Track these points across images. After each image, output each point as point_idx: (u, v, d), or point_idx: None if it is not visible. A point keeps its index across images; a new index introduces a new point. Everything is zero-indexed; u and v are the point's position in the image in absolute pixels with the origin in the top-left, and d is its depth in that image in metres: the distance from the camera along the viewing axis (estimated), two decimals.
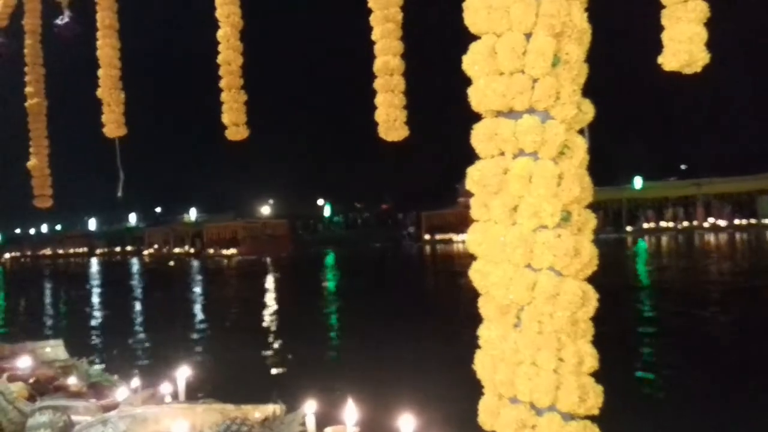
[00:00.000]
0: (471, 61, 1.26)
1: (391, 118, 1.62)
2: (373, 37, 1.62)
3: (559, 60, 1.21)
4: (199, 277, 34.83)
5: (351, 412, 1.79)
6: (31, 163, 3.13)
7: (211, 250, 60.61)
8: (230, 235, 62.94)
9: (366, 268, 33.21)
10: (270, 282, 27.88)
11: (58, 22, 2.68)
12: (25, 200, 3.53)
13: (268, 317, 16.84)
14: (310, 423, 1.95)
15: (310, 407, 1.99)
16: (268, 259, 43.59)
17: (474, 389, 1.33)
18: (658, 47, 1.43)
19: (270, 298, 21.58)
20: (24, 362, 3.01)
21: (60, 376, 2.86)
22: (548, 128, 1.21)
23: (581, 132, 1.24)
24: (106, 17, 2.44)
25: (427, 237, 57.65)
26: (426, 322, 13.21)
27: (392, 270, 31.95)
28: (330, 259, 43.48)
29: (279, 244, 56.80)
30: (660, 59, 1.45)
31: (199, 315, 18.73)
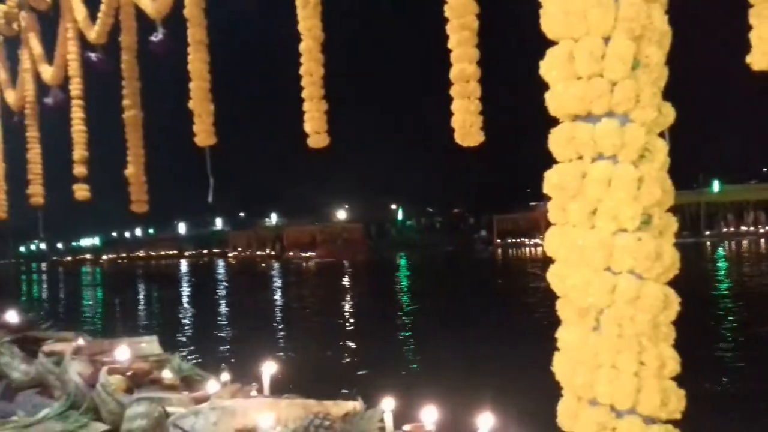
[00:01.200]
0: (548, 67, 1.28)
1: (467, 124, 1.64)
2: (450, 45, 1.66)
3: (639, 63, 1.21)
4: (280, 279, 35.75)
5: (429, 410, 1.83)
6: (129, 171, 3.34)
7: (291, 253, 62.04)
8: (309, 239, 64.28)
9: (439, 271, 33.13)
10: (347, 284, 28.28)
11: (153, 38, 2.86)
12: (122, 206, 3.78)
13: (345, 317, 17.09)
14: (388, 420, 2.00)
15: (388, 405, 2.03)
16: (345, 262, 44.19)
17: (551, 391, 1.34)
18: (741, 46, 1.40)
19: (347, 299, 21.90)
20: (122, 356, 3.18)
21: (155, 369, 3.01)
22: (628, 131, 1.21)
23: (662, 135, 1.23)
24: (196, 33, 2.58)
25: (498, 241, 56.87)
26: (500, 324, 13.06)
27: (465, 273, 31.70)
28: (403, 262, 43.61)
29: (355, 248, 57.49)
30: (749, 59, 1.41)
31: (281, 314, 19.23)
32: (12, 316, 4.66)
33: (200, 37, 2.60)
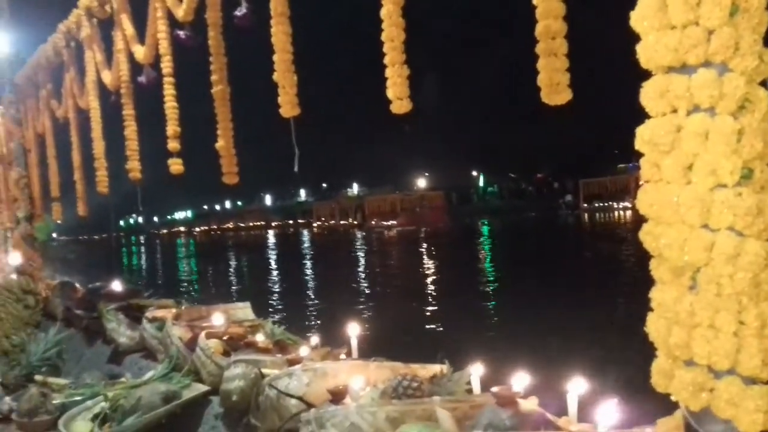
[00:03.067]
0: (640, 17, 1.22)
1: (554, 82, 1.60)
2: (534, 1, 1.62)
3: (737, 8, 1.14)
4: (362, 247, 36.29)
5: (520, 375, 1.83)
6: (219, 144, 3.45)
7: (373, 222, 62.81)
8: (390, 208, 64.84)
9: (522, 237, 32.61)
10: (428, 251, 28.36)
11: (237, 13, 2.93)
12: (212, 179, 3.92)
13: (428, 284, 17.21)
14: (476, 382, 2.02)
15: (474, 367, 2.05)
16: (426, 230, 44.26)
17: (638, 354, 1.32)
18: None
19: (429, 266, 22.00)
20: (218, 321, 3.35)
21: (249, 334, 3.13)
22: (726, 82, 1.15)
23: (763, 84, 1.16)
24: (278, 5, 2.62)
25: (585, 205, 55.14)
26: (586, 289, 12.77)
27: (549, 239, 31.06)
28: (485, 229, 43.17)
29: (435, 216, 57.53)
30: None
31: (365, 281, 19.59)
32: (116, 286, 4.98)
33: (282, 10, 2.64)
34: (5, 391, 3.80)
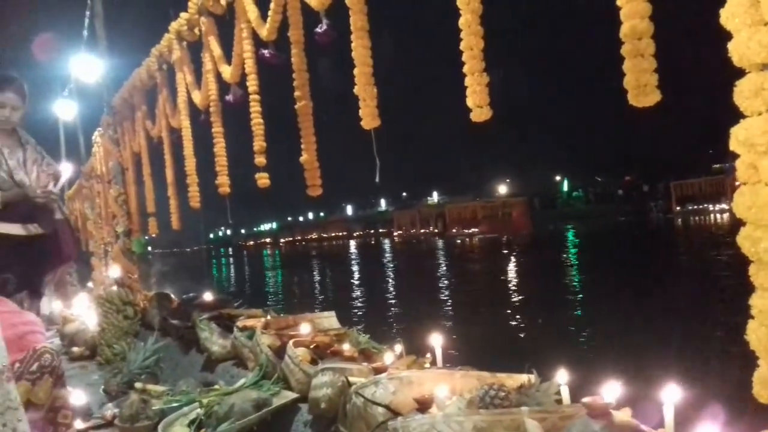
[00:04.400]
0: (730, 14, 1.18)
1: (641, 83, 1.55)
2: (619, 2, 1.58)
3: None
4: (443, 255, 36.14)
5: (611, 384, 1.78)
6: (303, 157, 3.54)
7: (454, 230, 62.46)
8: (470, 215, 64.27)
9: (611, 243, 31.48)
10: (511, 258, 27.90)
11: (318, 29, 3.01)
12: (296, 191, 4.03)
13: (512, 291, 16.92)
14: (565, 393, 1.97)
15: (563, 377, 2.00)
16: (508, 237, 43.56)
17: (738, 363, 1.25)
18: None
19: (512, 274, 21.63)
20: (305, 330, 3.41)
21: (335, 342, 3.17)
22: None
23: None
24: (358, 20, 2.67)
25: (678, 208, 52.51)
26: (680, 296, 12.19)
27: (640, 244, 29.81)
28: (570, 235, 41.98)
29: (518, 222, 56.55)
30: None
31: (447, 289, 19.49)
32: (208, 296, 5.18)
33: (362, 24, 2.69)
34: (108, 397, 4.03)
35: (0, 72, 4.01)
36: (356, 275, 28.56)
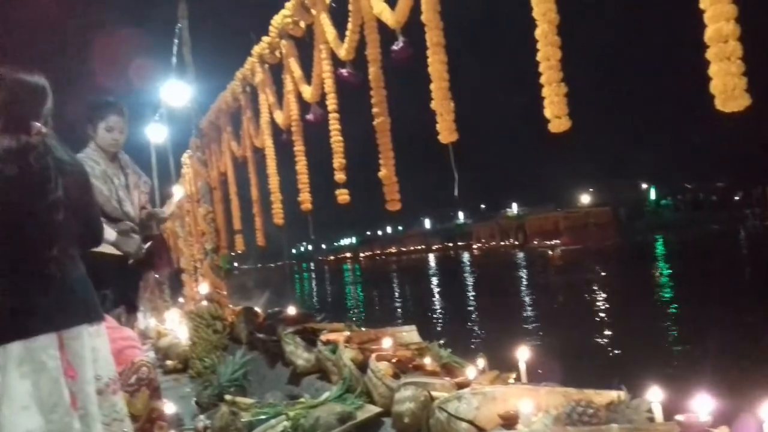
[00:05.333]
0: None
1: (729, 88, 1.49)
2: (702, 5, 1.53)
3: None
4: (525, 268, 35.44)
5: (703, 399, 1.70)
6: (382, 173, 3.59)
7: (535, 242, 61.15)
8: (552, 226, 62.74)
9: (704, 252, 29.87)
10: (596, 270, 27.00)
11: (394, 47, 3.06)
12: (374, 206, 4.08)
13: (598, 305, 16.38)
14: (657, 410, 1.90)
15: (655, 394, 1.93)
16: (592, 248, 42.22)
17: None
18: None
19: (598, 287, 20.93)
20: (387, 344, 3.43)
21: (416, 357, 3.18)
22: None
23: None
24: (434, 36, 2.70)
25: None
26: None
27: (736, 254, 28.14)
28: (660, 245, 40.23)
29: (602, 233, 54.72)
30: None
31: (530, 302, 19.09)
32: (291, 310, 5.30)
33: (438, 40, 2.72)
34: (200, 409, 4.18)
35: (104, 97, 4.28)
36: (436, 289, 28.44)
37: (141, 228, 4.13)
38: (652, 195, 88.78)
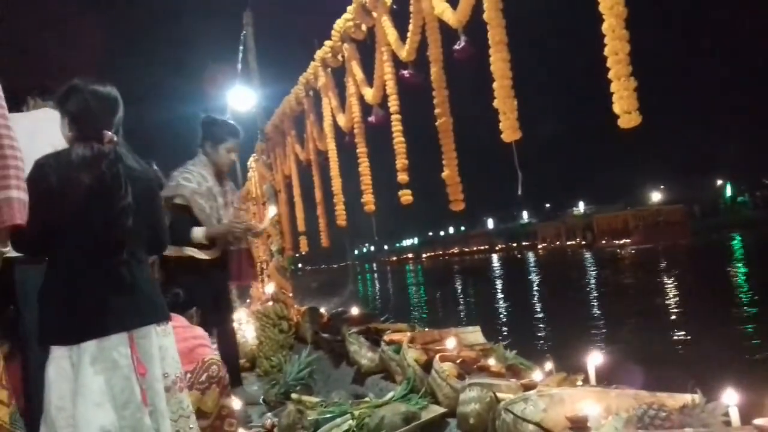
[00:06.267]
0: None
1: None
2: None
3: None
4: (593, 269, 34.56)
5: None
6: (445, 173, 3.58)
7: (603, 241, 59.55)
8: (621, 225, 60.95)
9: None
10: (669, 271, 26.03)
11: (456, 46, 3.05)
12: (437, 206, 4.07)
13: (670, 306, 15.80)
14: (734, 414, 1.82)
15: (731, 398, 1.85)
16: (665, 248, 40.75)
17: None
18: None
19: (671, 287, 20.19)
20: (451, 345, 3.41)
21: (481, 357, 3.14)
22: None
23: None
24: (496, 34, 2.68)
25: None
26: None
27: None
28: (737, 244, 38.46)
29: (675, 231, 52.74)
30: None
31: (599, 304, 18.60)
32: (355, 311, 5.34)
33: (500, 38, 2.69)
34: (267, 407, 4.27)
35: (227, 119, 4.49)
36: (500, 289, 28.08)
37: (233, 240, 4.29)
38: (728, 191, 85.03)
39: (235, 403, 3.43)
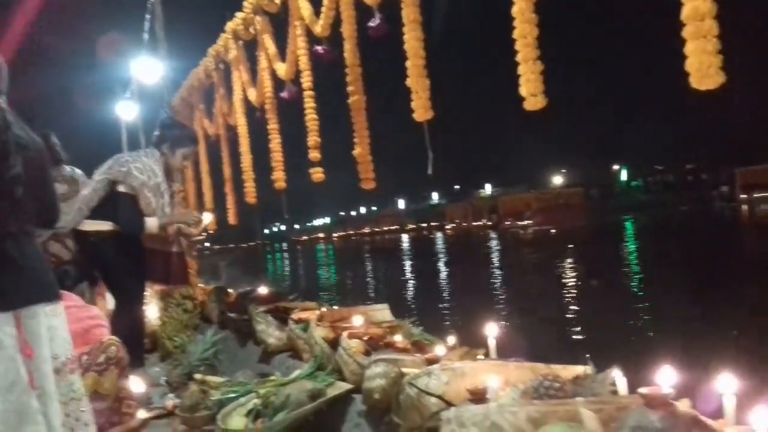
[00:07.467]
0: None
1: (704, 66, 1.51)
2: None
3: None
4: (497, 248, 35.80)
5: (666, 372, 1.75)
6: (356, 151, 3.58)
7: (507, 223, 61.71)
8: (524, 207, 63.31)
9: (672, 233, 30.46)
10: (567, 251, 27.38)
11: (371, 24, 3.03)
12: (349, 186, 4.08)
13: (567, 284, 16.65)
14: (622, 383, 1.94)
15: (619, 369, 1.98)
16: (564, 229, 42.79)
17: None
18: None
19: (568, 266, 21.26)
20: (358, 322, 3.44)
21: (388, 334, 3.19)
22: None
23: None
24: (410, 13, 2.68)
25: (743, 196, 49.75)
26: (747, 291, 11.72)
27: (703, 234, 28.70)
28: (629, 225, 40.92)
29: (574, 214, 55.43)
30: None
31: (501, 282, 19.32)
32: (263, 290, 5.28)
33: (414, 17, 2.70)
34: (170, 388, 4.17)
35: (189, 128, 4.61)
36: (409, 269, 28.59)
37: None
38: (623, 176, 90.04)
39: (138, 384, 3.33)
